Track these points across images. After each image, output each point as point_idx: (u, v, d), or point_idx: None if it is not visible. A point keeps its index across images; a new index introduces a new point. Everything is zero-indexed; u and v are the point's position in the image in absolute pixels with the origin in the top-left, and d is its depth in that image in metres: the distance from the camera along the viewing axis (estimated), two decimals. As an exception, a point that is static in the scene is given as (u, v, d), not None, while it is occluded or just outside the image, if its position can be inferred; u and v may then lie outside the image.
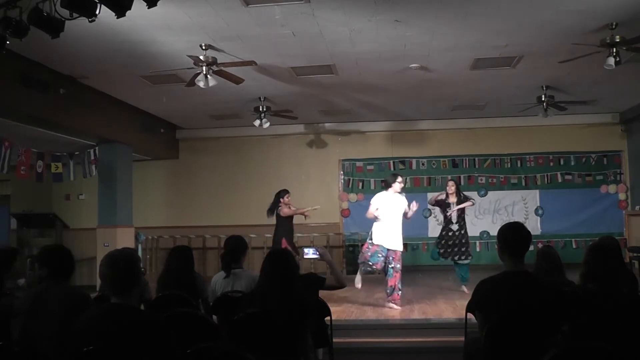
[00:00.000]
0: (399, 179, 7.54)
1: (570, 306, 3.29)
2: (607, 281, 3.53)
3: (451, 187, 8.61)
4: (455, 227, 8.45)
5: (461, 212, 8.51)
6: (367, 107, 10.57)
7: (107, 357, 2.59)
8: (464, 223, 8.55)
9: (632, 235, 10.86)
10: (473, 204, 8.84)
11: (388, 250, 7.33)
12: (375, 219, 7.40)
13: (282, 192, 8.81)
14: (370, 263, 7.38)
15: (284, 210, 8.65)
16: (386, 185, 7.64)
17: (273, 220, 8.79)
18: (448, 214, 8.52)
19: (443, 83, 8.86)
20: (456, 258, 8.45)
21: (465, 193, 9.00)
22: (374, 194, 7.82)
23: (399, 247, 7.40)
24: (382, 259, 7.32)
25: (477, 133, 11.87)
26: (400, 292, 7.42)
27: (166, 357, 2.65)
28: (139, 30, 6.29)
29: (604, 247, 3.83)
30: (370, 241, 7.45)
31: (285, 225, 8.72)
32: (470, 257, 8.53)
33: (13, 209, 11.45)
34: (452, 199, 8.53)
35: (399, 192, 7.51)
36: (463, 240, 8.44)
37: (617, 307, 3.27)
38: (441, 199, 8.63)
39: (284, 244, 8.29)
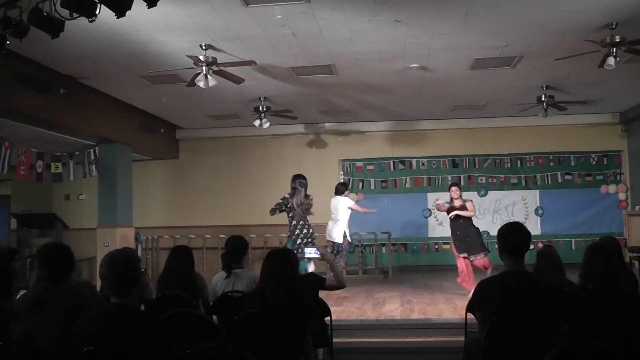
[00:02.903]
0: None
1: (570, 306, 3.29)
2: (607, 281, 3.53)
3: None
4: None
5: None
6: (367, 107, 10.57)
7: (107, 357, 2.59)
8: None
9: (632, 235, 10.85)
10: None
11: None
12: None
13: None
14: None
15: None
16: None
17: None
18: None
19: (443, 83, 8.86)
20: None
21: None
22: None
23: None
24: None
25: (477, 133, 11.87)
26: None
27: (166, 357, 2.65)
28: (139, 30, 6.29)
29: (603, 247, 3.84)
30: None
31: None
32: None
33: (13, 209, 11.45)
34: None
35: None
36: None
37: (617, 307, 3.27)
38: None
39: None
